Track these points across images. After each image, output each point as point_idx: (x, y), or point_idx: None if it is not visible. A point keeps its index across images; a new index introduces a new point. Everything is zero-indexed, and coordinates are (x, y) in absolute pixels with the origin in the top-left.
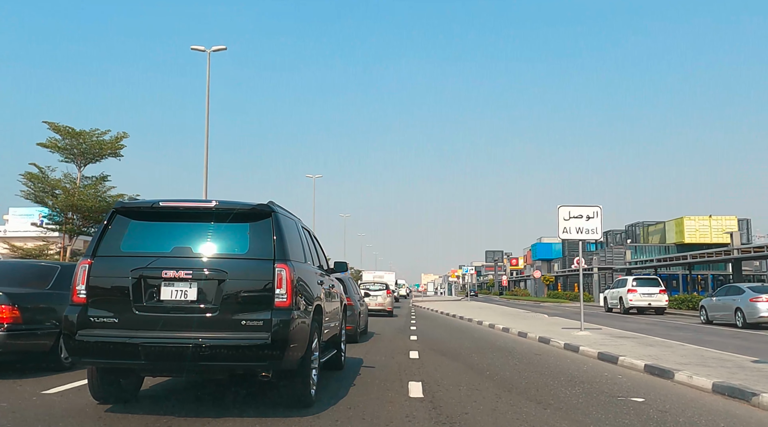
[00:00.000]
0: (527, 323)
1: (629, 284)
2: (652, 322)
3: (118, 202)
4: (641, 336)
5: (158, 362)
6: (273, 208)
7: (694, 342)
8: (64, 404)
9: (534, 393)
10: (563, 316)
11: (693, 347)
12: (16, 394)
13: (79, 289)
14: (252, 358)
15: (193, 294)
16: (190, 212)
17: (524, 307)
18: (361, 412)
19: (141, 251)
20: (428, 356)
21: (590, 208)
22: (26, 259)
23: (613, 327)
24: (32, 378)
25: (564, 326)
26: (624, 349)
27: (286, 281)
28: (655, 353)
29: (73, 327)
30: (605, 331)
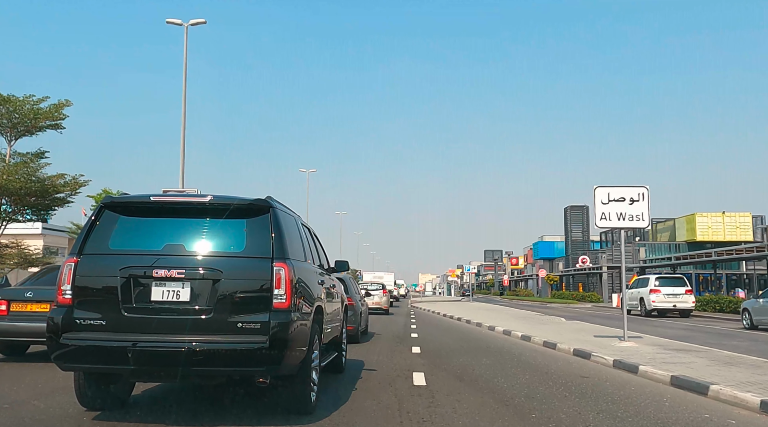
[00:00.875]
0: (548, 330)
1: (652, 284)
2: (686, 327)
3: (107, 197)
4: (701, 348)
5: (149, 367)
6: (271, 204)
7: (762, 355)
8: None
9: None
10: (580, 319)
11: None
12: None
13: (64, 289)
14: (249, 363)
15: (186, 295)
16: (184, 207)
17: (531, 308)
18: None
19: (131, 249)
20: (438, 381)
21: (634, 189)
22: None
23: (650, 334)
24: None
25: (595, 333)
26: (701, 370)
27: (284, 281)
28: (750, 377)
29: (57, 329)
30: (648, 340)
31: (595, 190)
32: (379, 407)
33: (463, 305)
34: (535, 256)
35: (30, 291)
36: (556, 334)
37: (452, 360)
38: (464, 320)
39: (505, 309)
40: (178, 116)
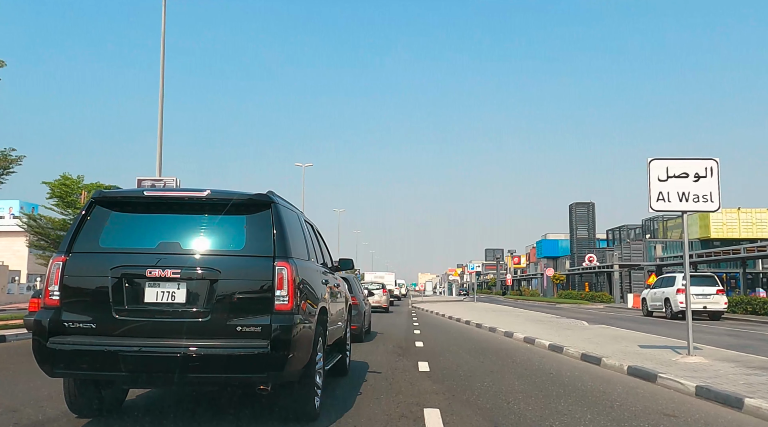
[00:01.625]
0: (578, 338)
1: (679, 283)
2: (729, 332)
3: (97, 192)
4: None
5: (142, 373)
6: (273, 199)
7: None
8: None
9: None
10: (602, 322)
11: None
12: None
13: (51, 289)
14: (249, 368)
15: (182, 296)
16: (179, 203)
17: (541, 309)
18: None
19: (123, 247)
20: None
21: (701, 162)
22: None
23: (701, 342)
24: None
25: (639, 342)
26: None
27: (287, 281)
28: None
29: (44, 333)
30: (710, 352)
31: (650, 164)
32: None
33: (467, 305)
34: (539, 254)
35: None
36: (590, 343)
37: (474, 385)
38: (473, 324)
39: (514, 310)
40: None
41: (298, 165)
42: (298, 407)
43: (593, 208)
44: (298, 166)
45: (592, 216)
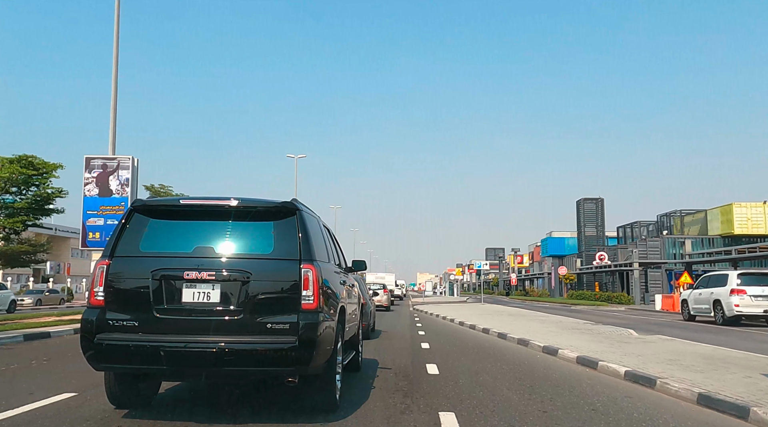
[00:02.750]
0: (654, 358)
1: (732, 282)
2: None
3: (137, 201)
4: None
5: (180, 367)
6: (297, 206)
7: None
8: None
9: None
10: (647, 329)
11: None
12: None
13: (96, 290)
14: (278, 363)
15: (216, 296)
16: (212, 210)
17: (559, 311)
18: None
19: (162, 251)
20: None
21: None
22: None
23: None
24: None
25: (757, 367)
26: None
27: (312, 282)
28: None
29: (91, 330)
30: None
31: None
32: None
33: (474, 307)
34: (544, 253)
35: None
36: (686, 369)
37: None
38: (494, 333)
39: (534, 314)
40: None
41: (290, 156)
42: (321, 399)
43: (602, 204)
44: (290, 157)
45: (601, 212)
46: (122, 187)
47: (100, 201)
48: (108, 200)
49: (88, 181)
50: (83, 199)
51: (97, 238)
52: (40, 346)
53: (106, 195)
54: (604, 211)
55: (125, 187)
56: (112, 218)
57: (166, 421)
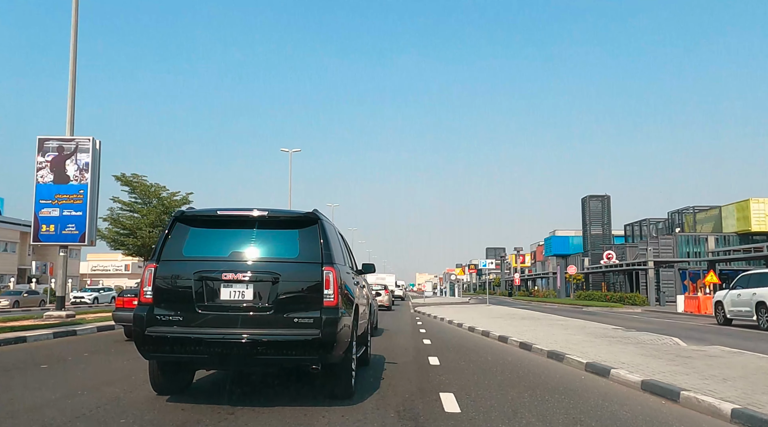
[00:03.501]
0: (742, 380)
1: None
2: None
3: (178, 211)
4: None
5: (219, 356)
6: (319, 216)
7: None
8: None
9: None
10: (688, 336)
11: None
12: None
13: (146, 290)
14: (304, 352)
15: (250, 294)
16: (245, 220)
17: (574, 314)
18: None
19: (202, 256)
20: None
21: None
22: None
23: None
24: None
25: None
26: None
27: (333, 283)
28: None
29: (142, 324)
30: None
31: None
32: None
33: (480, 309)
34: (547, 252)
35: None
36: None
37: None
38: (514, 343)
39: (546, 317)
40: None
41: (285, 150)
42: (339, 385)
43: (608, 202)
44: (285, 151)
45: (607, 210)
46: (81, 173)
47: (56, 189)
48: (64, 188)
49: (41, 166)
50: (35, 186)
51: (52, 231)
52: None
53: (62, 182)
54: (610, 208)
55: (84, 173)
56: (69, 208)
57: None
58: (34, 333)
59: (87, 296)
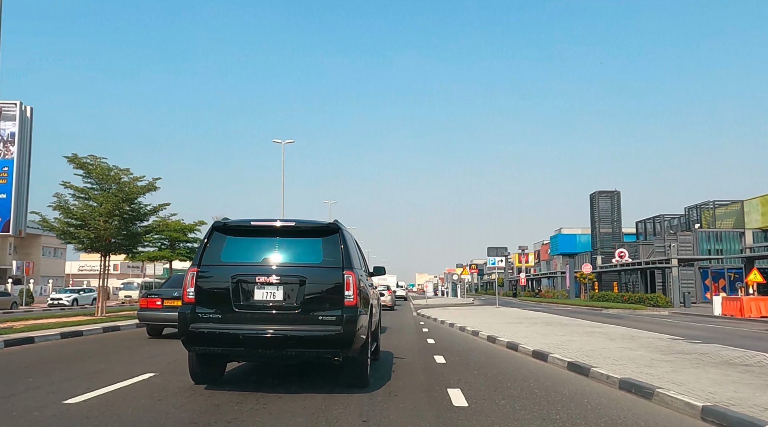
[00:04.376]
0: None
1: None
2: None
3: (216, 222)
4: None
5: (254, 349)
6: (339, 226)
7: None
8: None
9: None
10: (756, 347)
11: None
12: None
13: (189, 291)
14: (327, 346)
15: (280, 295)
16: (275, 229)
17: (600, 318)
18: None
19: (238, 261)
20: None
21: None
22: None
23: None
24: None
25: None
26: None
27: (352, 285)
28: None
29: (186, 321)
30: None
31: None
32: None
33: (490, 312)
34: (553, 251)
35: (176, 291)
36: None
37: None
38: (558, 362)
39: (573, 322)
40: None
41: (277, 141)
42: (356, 376)
43: (618, 198)
44: (277, 142)
45: (617, 206)
46: (5, 146)
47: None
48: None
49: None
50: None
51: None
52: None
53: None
54: (620, 205)
55: (10, 146)
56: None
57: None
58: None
59: (65, 298)
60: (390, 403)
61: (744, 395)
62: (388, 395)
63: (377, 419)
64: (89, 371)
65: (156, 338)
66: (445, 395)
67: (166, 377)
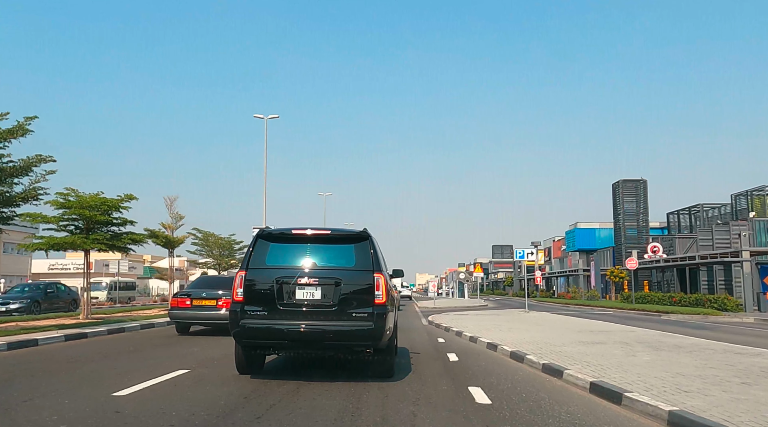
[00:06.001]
0: None
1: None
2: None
3: (260, 231)
4: None
5: (296, 342)
6: (369, 234)
7: None
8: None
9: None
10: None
11: None
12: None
13: (238, 291)
14: (360, 339)
15: (318, 295)
16: (313, 237)
17: (665, 325)
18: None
19: (281, 264)
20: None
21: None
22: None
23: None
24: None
25: None
26: None
27: (382, 286)
28: None
29: (236, 318)
30: None
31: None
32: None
33: (531, 320)
34: (570, 247)
35: (204, 292)
36: None
37: None
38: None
39: (689, 342)
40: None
41: (259, 116)
42: (384, 367)
43: (645, 187)
44: (259, 117)
45: (643, 196)
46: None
47: None
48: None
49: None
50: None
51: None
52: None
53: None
54: (647, 195)
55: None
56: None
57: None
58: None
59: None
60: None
61: None
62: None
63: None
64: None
65: (184, 334)
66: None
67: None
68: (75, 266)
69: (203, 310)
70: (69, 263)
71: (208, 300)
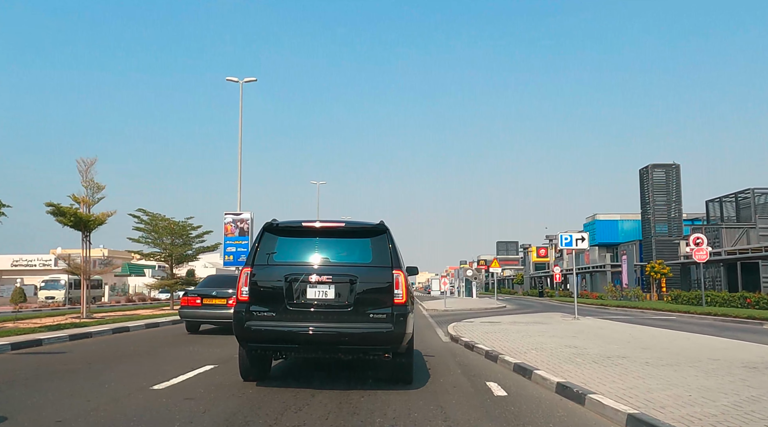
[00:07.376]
0: None
1: None
2: None
3: (267, 224)
4: None
5: (307, 345)
6: (386, 227)
7: None
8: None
9: None
10: None
11: None
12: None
13: (243, 290)
14: (378, 343)
15: (332, 294)
16: (325, 230)
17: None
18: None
19: (290, 260)
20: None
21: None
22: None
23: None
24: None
25: None
26: None
27: (402, 284)
28: None
29: (241, 319)
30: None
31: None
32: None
33: (597, 332)
34: (590, 241)
35: (214, 290)
36: None
37: None
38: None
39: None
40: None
41: (232, 79)
42: (402, 372)
43: (678, 172)
44: (232, 80)
45: (676, 183)
46: None
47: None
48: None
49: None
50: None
51: None
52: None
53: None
54: (680, 181)
55: None
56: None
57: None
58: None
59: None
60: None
61: None
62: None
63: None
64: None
65: (194, 333)
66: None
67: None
68: (41, 263)
69: (213, 309)
70: (34, 260)
71: (219, 299)
